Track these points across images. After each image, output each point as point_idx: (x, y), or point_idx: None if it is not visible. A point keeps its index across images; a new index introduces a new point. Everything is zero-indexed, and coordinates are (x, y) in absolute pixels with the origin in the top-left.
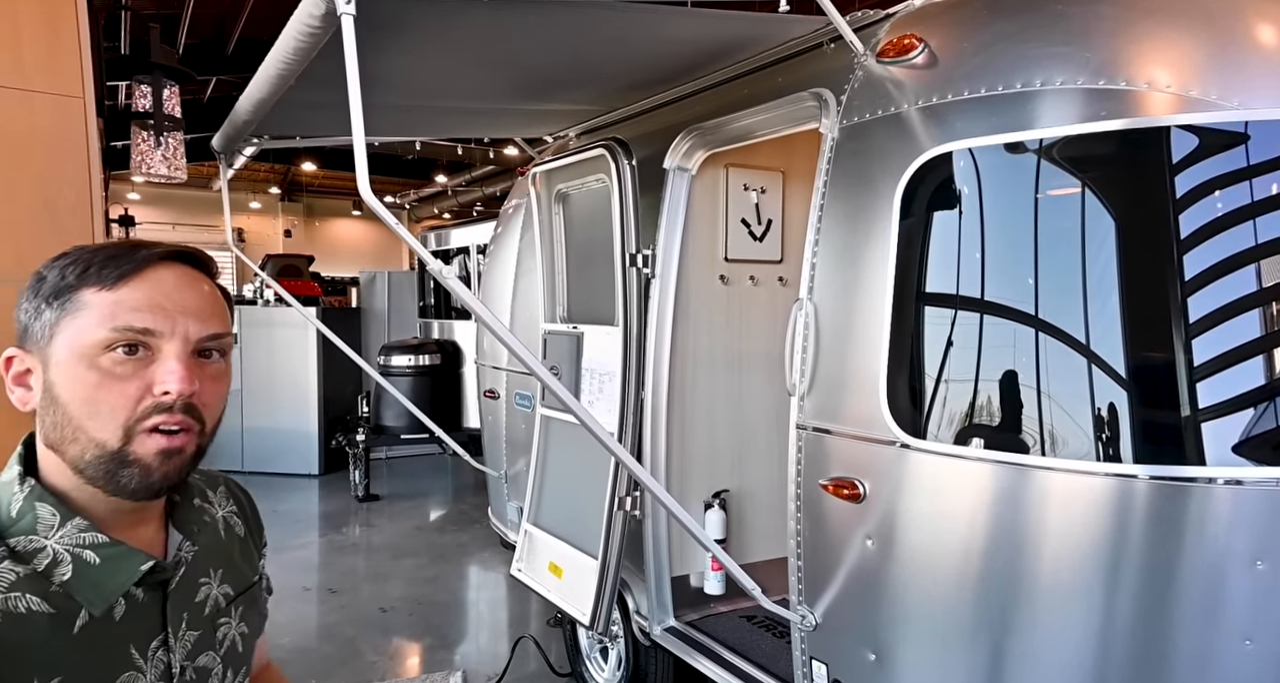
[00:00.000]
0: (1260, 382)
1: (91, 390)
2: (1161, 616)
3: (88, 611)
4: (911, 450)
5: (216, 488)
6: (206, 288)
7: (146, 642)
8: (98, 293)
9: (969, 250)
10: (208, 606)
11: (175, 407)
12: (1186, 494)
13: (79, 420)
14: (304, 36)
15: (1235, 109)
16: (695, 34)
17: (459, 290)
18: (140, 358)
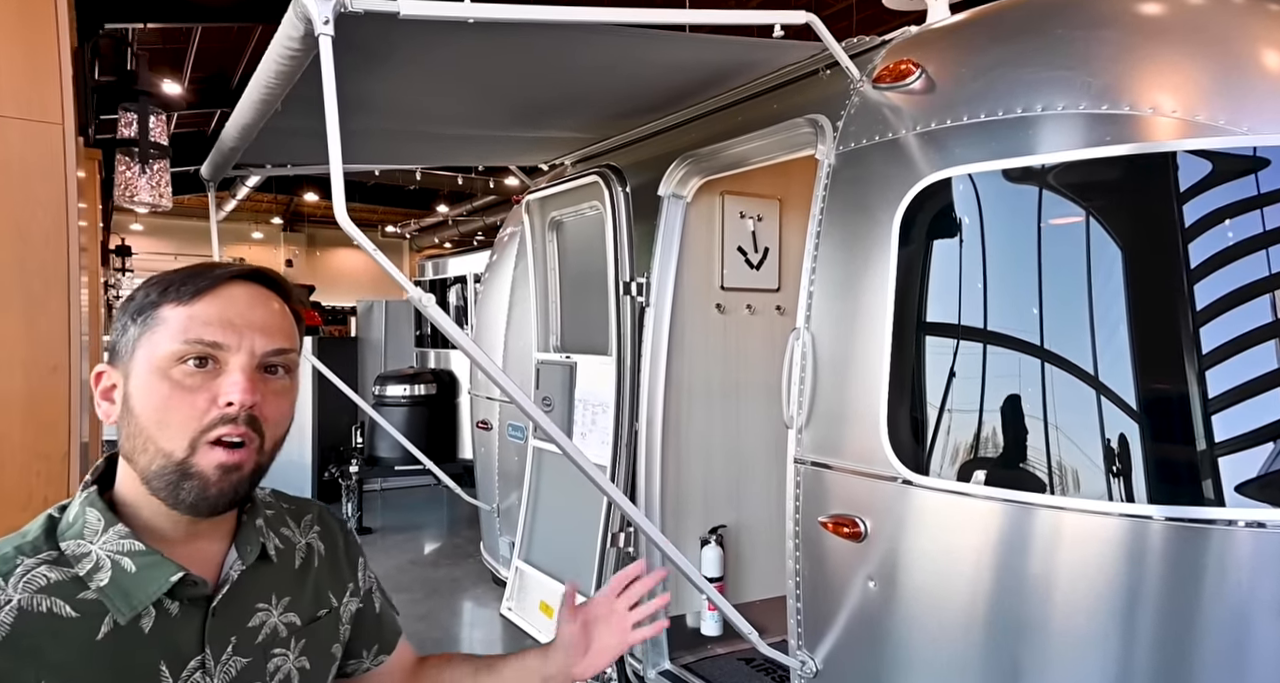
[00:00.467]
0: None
1: (163, 401)
2: (1181, 666)
3: (113, 618)
4: (914, 487)
5: (303, 516)
6: (276, 306)
7: (181, 661)
8: (175, 308)
9: (971, 279)
10: (262, 633)
11: (238, 418)
12: (1205, 537)
13: (150, 430)
14: (284, 59)
15: (1245, 134)
16: (688, 60)
17: (439, 319)
18: (209, 370)
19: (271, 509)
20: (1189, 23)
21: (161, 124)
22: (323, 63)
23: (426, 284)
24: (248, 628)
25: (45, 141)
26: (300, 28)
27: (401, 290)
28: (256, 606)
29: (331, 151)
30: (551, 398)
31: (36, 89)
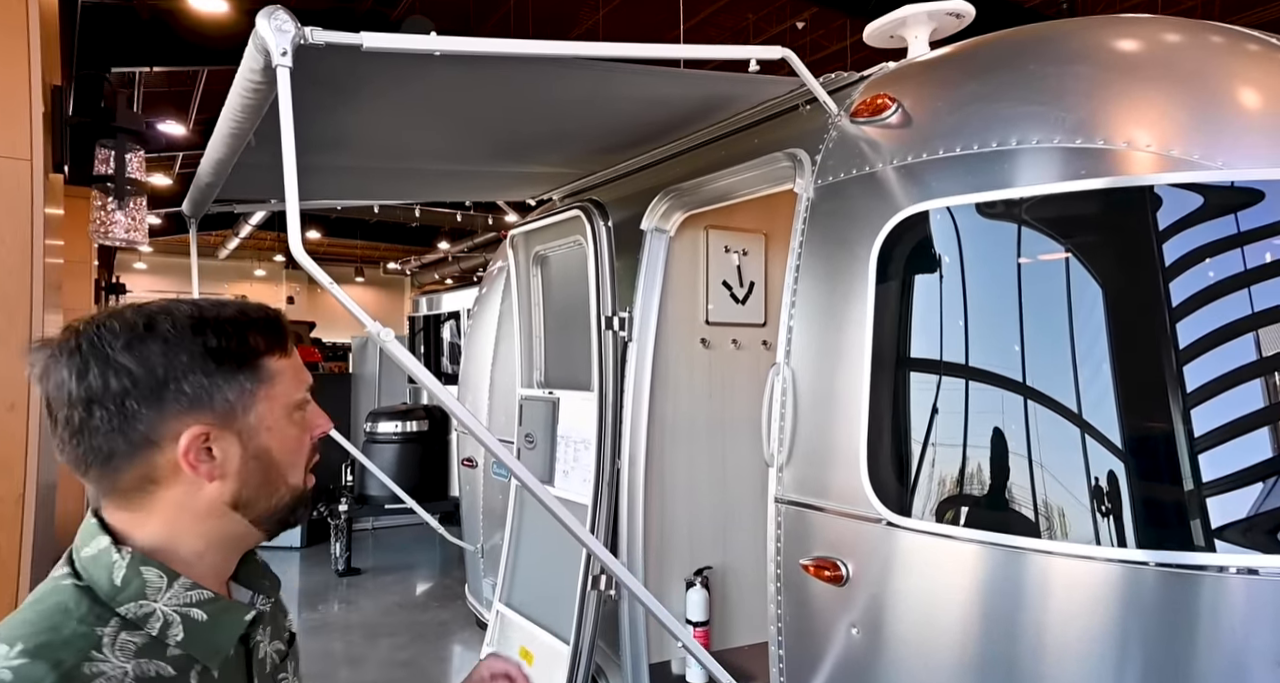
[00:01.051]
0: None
1: (295, 442)
2: None
3: (203, 665)
4: (896, 529)
5: None
6: None
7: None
8: (282, 360)
9: (949, 313)
10: (269, 662)
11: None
12: (1196, 584)
13: (283, 470)
14: (249, 92)
15: (1219, 169)
16: (666, 94)
17: (399, 355)
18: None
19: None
20: (1162, 59)
21: (140, 161)
22: (280, 95)
23: (420, 320)
24: (260, 660)
25: (12, 177)
26: (260, 60)
27: (400, 328)
28: (256, 637)
29: (288, 185)
30: (534, 435)
31: (7, 126)
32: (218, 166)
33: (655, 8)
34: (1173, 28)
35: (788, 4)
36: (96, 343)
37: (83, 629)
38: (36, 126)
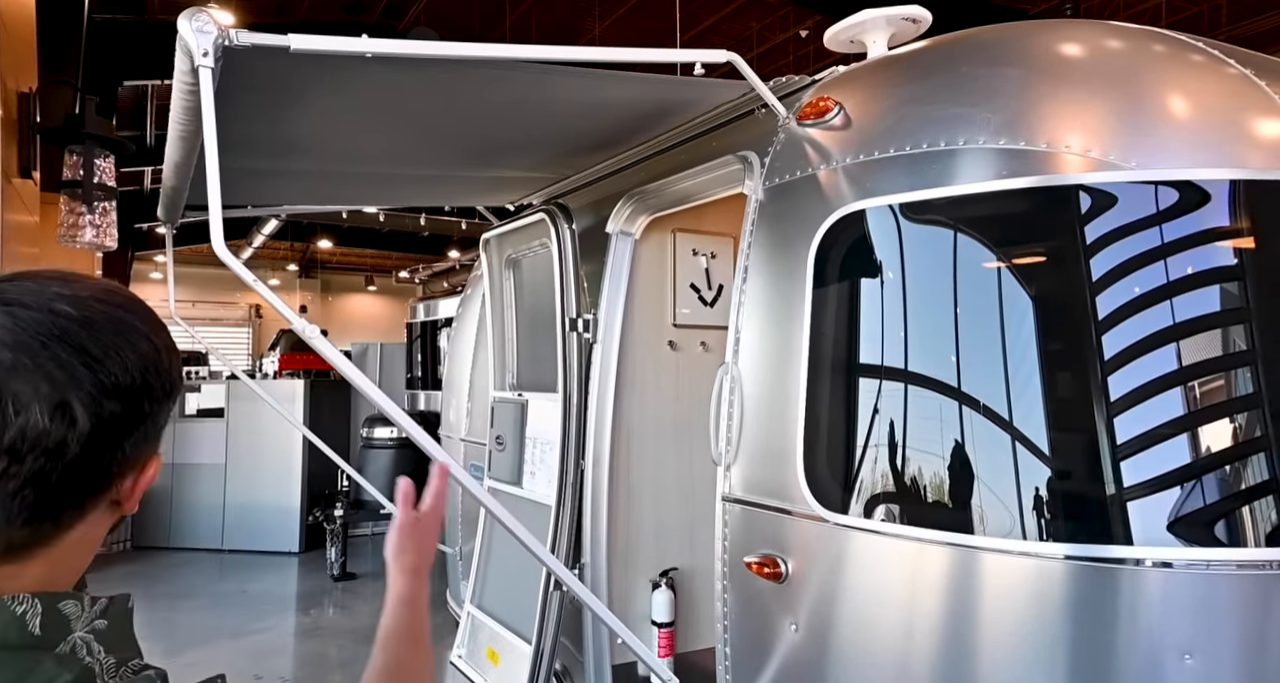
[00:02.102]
0: (1187, 448)
1: None
2: None
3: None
4: (831, 526)
5: None
6: None
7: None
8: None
9: (881, 311)
10: None
11: None
12: (1115, 577)
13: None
14: (183, 93)
15: (1133, 169)
16: (618, 98)
17: (325, 350)
18: None
19: None
20: (1087, 63)
21: (109, 167)
22: (202, 95)
23: (418, 326)
24: None
25: None
26: (186, 61)
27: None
28: None
29: (210, 184)
30: (504, 437)
31: None
32: (178, 170)
33: (657, 16)
34: (1104, 32)
35: (791, 12)
36: None
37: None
38: None
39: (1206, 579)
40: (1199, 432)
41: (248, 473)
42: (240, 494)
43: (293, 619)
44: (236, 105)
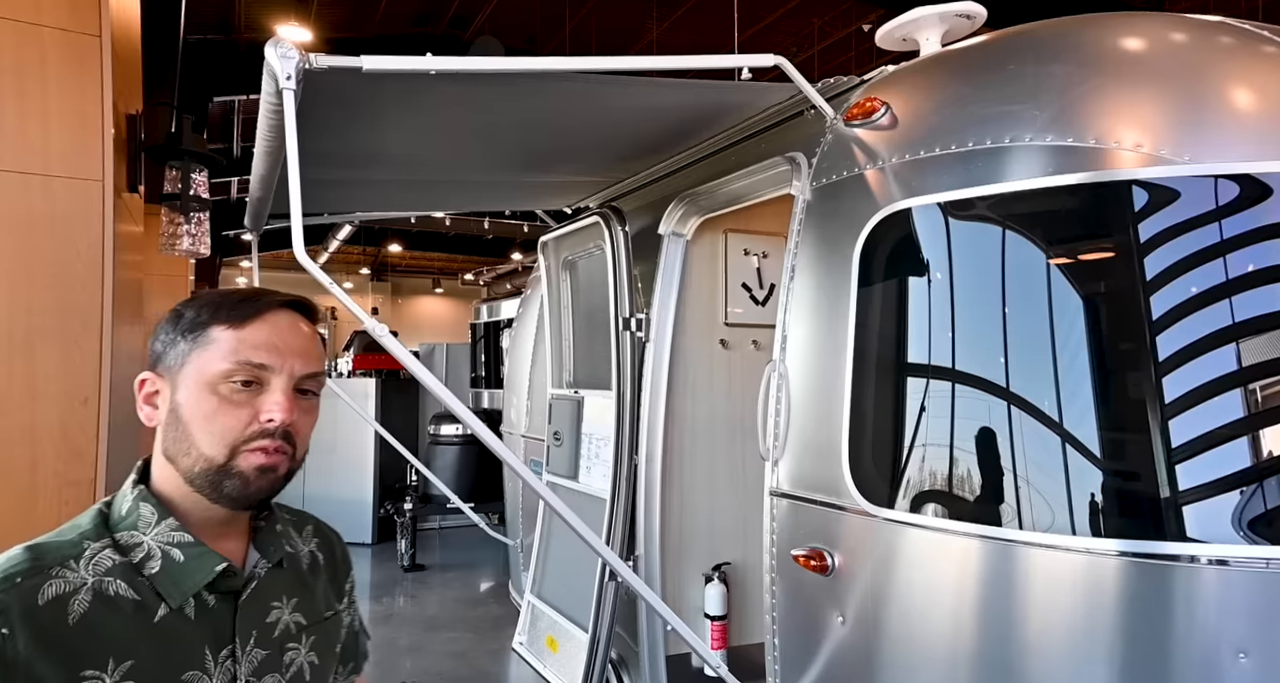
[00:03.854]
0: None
1: (211, 412)
2: None
3: (167, 604)
4: (876, 520)
5: (304, 527)
6: (309, 330)
7: (217, 648)
8: (225, 330)
9: (926, 308)
10: (278, 629)
11: (276, 433)
12: (1169, 574)
13: (195, 437)
14: (269, 112)
15: (1186, 163)
16: (671, 104)
17: (395, 349)
18: (253, 390)
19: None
20: (1136, 56)
21: (204, 180)
22: (286, 114)
23: (481, 327)
24: (266, 623)
25: (85, 197)
26: (272, 85)
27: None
28: (271, 604)
29: (293, 195)
30: (561, 433)
31: (81, 150)
32: (264, 181)
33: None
34: (1163, 25)
35: (853, 7)
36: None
37: (74, 541)
38: (108, 151)
39: (1264, 578)
40: (1257, 431)
41: (324, 468)
42: (318, 487)
43: (365, 607)
44: (315, 121)
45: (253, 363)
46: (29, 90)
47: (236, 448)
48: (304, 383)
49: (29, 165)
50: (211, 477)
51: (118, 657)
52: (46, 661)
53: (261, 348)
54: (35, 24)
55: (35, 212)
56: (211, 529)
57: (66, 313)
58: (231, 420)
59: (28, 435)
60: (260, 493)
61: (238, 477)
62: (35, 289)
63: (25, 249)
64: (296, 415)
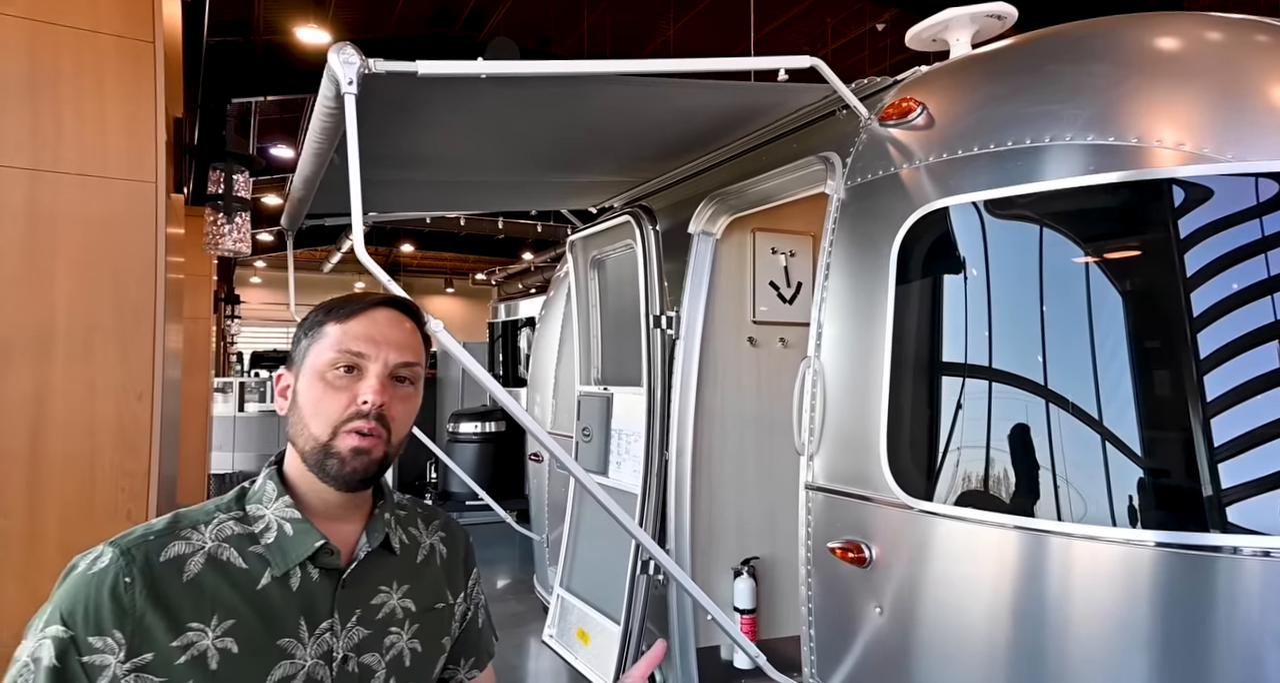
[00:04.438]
0: None
1: (319, 396)
2: None
3: (271, 573)
4: (914, 512)
5: (432, 521)
6: (409, 326)
7: (315, 621)
8: (334, 325)
9: (964, 305)
10: (382, 611)
11: (370, 414)
12: (1210, 565)
13: (306, 419)
14: (325, 117)
15: (1229, 161)
16: (704, 105)
17: (451, 346)
18: (353, 376)
19: (404, 511)
20: (1178, 57)
21: (246, 181)
22: (347, 118)
23: (499, 326)
24: (370, 605)
25: (140, 199)
26: (332, 89)
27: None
28: (379, 587)
29: (353, 195)
30: (590, 429)
31: (135, 153)
32: (307, 182)
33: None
34: (1198, 24)
35: (866, 6)
36: None
37: (209, 510)
38: (160, 154)
39: None
40: None
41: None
42: None
43: None
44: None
45: (352, 351)
46: (87, 95)
47: (337, 429)
48: (399, 371)
49: (88, 168)
50: (318, 455)
51: (221, 615)
52: (156, 611)
53: (361, 339)
54: (94, 31)
55: (94, 213)
56: (328, 512)
57: (123, 311)
58: (333, 403)
59: (88, 429)
60: (357, 473)
61: (337, 456)
62: (94, 288)
63: (85, 249)
64: (390, 399)
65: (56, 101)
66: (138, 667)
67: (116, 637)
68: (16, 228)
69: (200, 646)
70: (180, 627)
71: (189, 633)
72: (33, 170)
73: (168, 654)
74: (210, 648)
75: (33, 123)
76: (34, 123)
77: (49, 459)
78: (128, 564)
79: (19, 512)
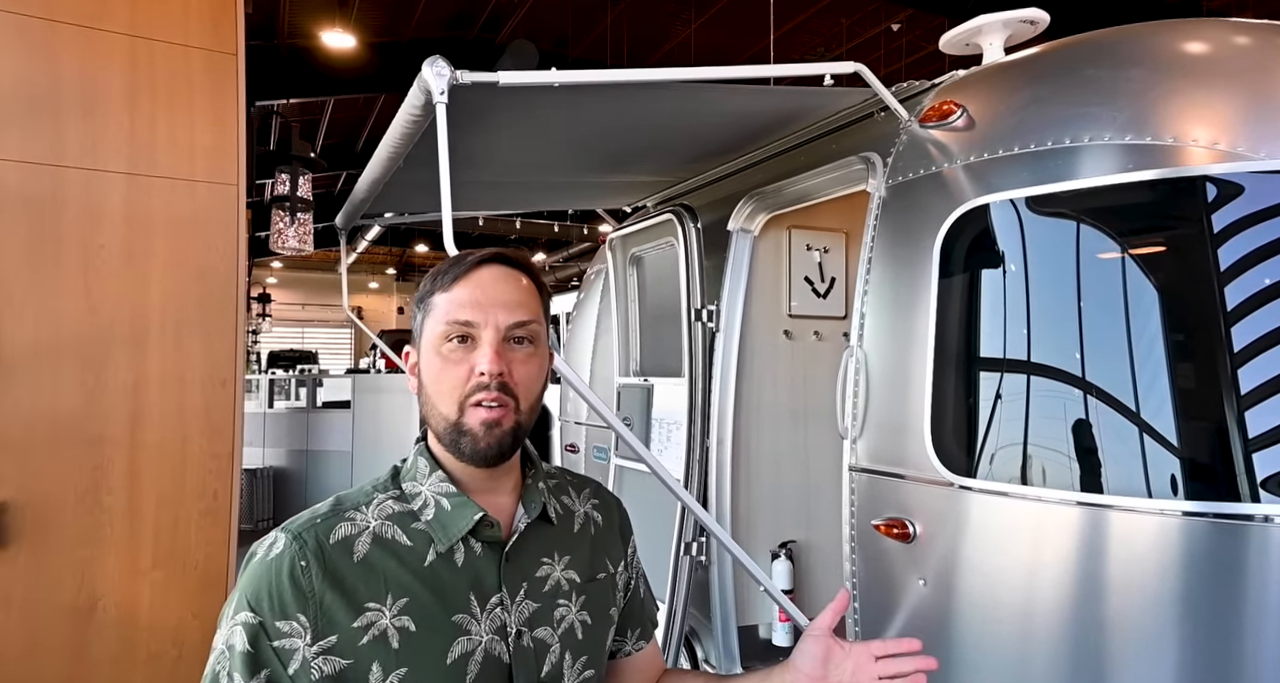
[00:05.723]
0: None
1: (438, 373)
2: (1218, 666)
3: (435, 549)
4: (958, 489)
5: (583, 489)
6: (524, 282)
7: (484, 596)
8: (440, 295)
9: (1005, 295)
10: (548, 583)
11: (491, 385)
12: (1242, 533)
13: (433, 398)
14: (409, 123)
15: (1263, 159)
16: (753, 108)
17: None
18: (467, 346)
19: (554, 479)
20: (1207, 60)
21: (308, 182)
22: (439, 127)
23: None
24: (536, 577)
25: (224, 200)
26: (421, 98)
27: None
28: (542, 559)
29: (444, 199)
30: (630, 418)
31: (220, 156)
32: (373, 185)
33: (746, 17)
34: (1226, 30)
35: (882, 6)
36: None
37: (368, 491)
38: (241, 157)
39: None
40: None
41: (371, 459)
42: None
43: None
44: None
45: (459, 321)
46: (178, 104)
47: (462, 404)
48: (514, 332)
49: (179, 172)
50: (452, 434)
51: (395, 593)
52: (334, 592)
53: (465, 306)
54: (185, 46)
55: (183, 214)
56: (478, 487)
57: (208, 306)
58: (453, 378)
59: (179, 415)
60: (492, 449)
61: (469, 434)
62: (184, 284)
63: (177, 248)
64: (509, 365)
65: (152, 111)
66: (324, 649)
67: (301, 621)
68: (117, 229)
69: (380, 625)
70: (359, 607)
71: (368, 613)
72: (130, 175)
73: (351, 635)
74: (389, 627)
75: (130, 130)
76: (131, 130)
77: (146, 444)
78: (301, 549)
79: (121, 492)
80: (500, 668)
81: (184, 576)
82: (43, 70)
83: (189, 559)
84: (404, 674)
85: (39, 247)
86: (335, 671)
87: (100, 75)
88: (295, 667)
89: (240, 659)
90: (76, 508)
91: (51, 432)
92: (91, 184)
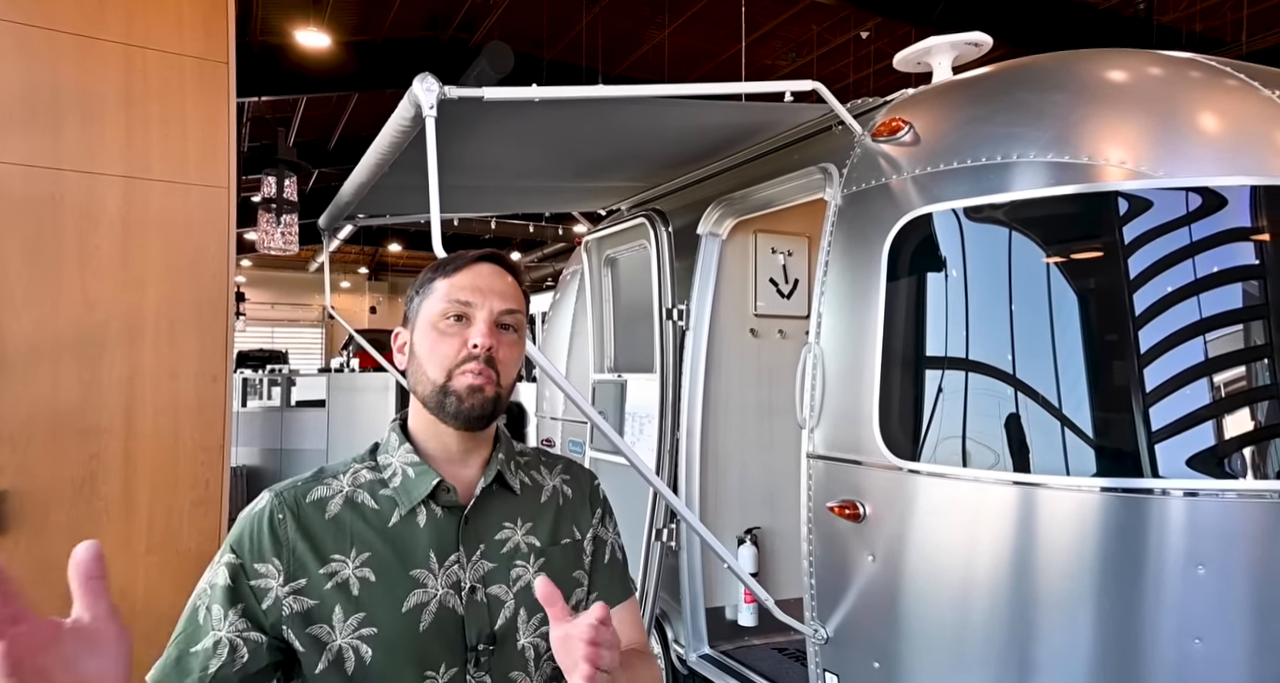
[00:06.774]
0: (1207, 401)
1: (433, 345)
2: (1129, 620)
3: (399, 512)
4: (902, 473)
5: (555, 466)
6: (510, 280)
7: (443, 555)
8: (442, 280)
9: (945, 297)
10: (506, 546)
11: (480, 357)
12: (1145, 505)
13: (425, 366)
14: (398, 133)
15: (1161, 177)
16: (720, 121)
17: None
18: (462, 323)
19: (527, 457)
20: (1125, 88)
21: (293, 185)
22: (428, 139)
23: None
24: (495, 540)
25: (214, 202)
26: (411, 111)
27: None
28: (503, 524)
29: (432, 204)
30: (605, 412)
31: (210, 158)
32: (359, 189)
33: (719, 22)
34: (1145, 61)
35: (852, 14)
36: None
37: (347, 462)
38: (231, 161)
39: (1221, 506)
40: (1221, 406)
41: (346, 457)
42: None
43: None
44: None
45: (460, 300)
46: (171, 110)
47: (452, 371)
48: (503, 317)
49: (172, 175)
50: (437, 396)
51: (359, 548)
52: (305, 543)
53: (467, 289)
54: (179, 54)
55: (177, 215)
56: (449, 457)
57: (200, 304)
58: (447, 348)
59: (171, 408)
60: (475, 409)
61: (454, 394)
62: (177, 284)
63: (170, 248)
64: (498, 345)
65: (146, 116)
66: (294, 590)
67: (276, 564)
68: (114, 230)
69: (343, 574)
70: (325, 558)
71: (333, 563)
72: (127, 178)
73: (317, 580)
74: (351, 577)
75: (127, 135)
76: (128, 135)
77: (140, 435)
78: (280, 504)
79: (117, 481)
80: (454, 619)
81: (177, 561)
82: (43, 77)
83: (182, 546)
84: (362, 618)
85: (39, 246)
86: (303, 608)
87: (98, 82)
88: (268, 603)
89: (221, 593)
90: (74, 497)
91: (50, 424)
92: (89, 186)
